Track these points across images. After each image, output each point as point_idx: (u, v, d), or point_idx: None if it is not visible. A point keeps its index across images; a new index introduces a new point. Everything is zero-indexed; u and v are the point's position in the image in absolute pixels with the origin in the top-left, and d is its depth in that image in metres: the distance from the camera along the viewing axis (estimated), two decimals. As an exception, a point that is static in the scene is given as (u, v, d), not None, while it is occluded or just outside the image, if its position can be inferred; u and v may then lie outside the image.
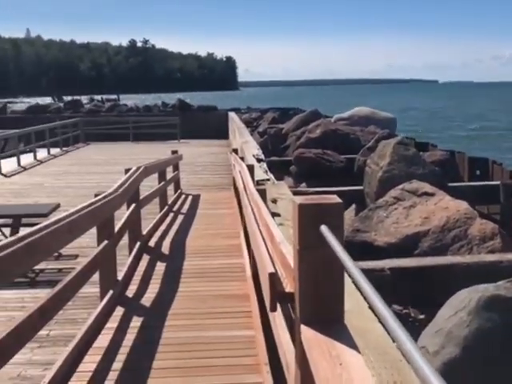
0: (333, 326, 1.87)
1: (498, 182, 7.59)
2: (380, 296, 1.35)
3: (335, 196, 2.04)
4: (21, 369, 4.15)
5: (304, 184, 11.30)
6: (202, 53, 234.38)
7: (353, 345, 1.78)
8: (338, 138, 14.80)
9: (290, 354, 2.22)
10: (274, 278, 2.28)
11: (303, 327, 1.91)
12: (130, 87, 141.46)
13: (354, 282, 1.49)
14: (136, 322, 4.77)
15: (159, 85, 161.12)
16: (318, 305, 1.91)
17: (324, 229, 1.84)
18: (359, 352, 1.75)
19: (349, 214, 7.71)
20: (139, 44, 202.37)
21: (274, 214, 6.10)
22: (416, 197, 5.72)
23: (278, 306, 2.75)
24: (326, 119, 20.58)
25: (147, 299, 5.40)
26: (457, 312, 2.67)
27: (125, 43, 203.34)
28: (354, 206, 7.91)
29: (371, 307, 1.32)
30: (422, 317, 3.87)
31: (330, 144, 14.13)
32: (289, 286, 2.18)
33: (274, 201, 7.37)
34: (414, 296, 3.98)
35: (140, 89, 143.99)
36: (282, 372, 2.53)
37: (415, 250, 4.87)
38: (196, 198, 11.39)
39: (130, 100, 54.58)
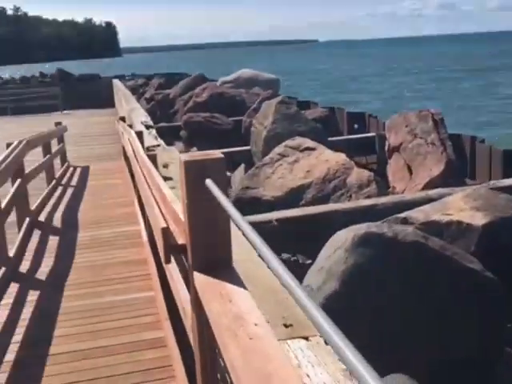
0: (222, 270, 2.05)
1: (374, 134, 8.14)
2: (262, 240, 1.51)
3: (218, 152, 2.20)
4: None
5: (195, 148, 11.39)
6: (79, 19, 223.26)
7: (240, 284, 1.98)
8: (225, 100, 14.98)
9: (187, 301, 2.39)
10: (166, 231, 2.42)
11: (196, 274, 2.07)
12: (3, 58, 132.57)
13: (241, 230, 1.65)
14: (32, 296, 4.73)
15: (35, 54, 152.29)
16: (208, 253, 2.08)
17: (209, 182, 2.00)
18: (246, 289, 1.95)
19: (239, 173, 7.95)
20: (9, 12, 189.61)
21: (166, 179, 6.18)
22: (299, 152, 6.03)
23: (174, 261, 2.91)
24: (211, 83, 20.64)
25: (42, 273, 5.35)
26: (335, 250, 2.95)
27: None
28: (242, 165, 8.15)
29: (256, 251, 1.47)
30: (309, 262, 4.18)
31: (217, 107, 14.29)
32: (181, 238, 2.33)
33: (166, 165, 7.43)
34: (300, 243, 4.28)
35: (15, 59, 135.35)
36: (183, 324, 2.69)
37: (300, 202, 5.18)
38: (85, 170, 11.15)
39: (4, 72, 51.28)
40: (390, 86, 42.88)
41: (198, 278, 2.04)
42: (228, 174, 9.17)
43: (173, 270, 2.93)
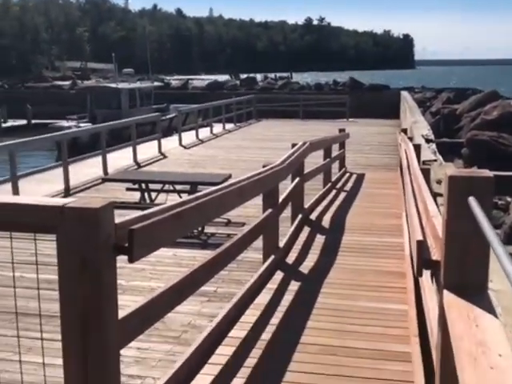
0: (474, 293, 1.95)
1: None
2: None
3: (488, 171, 2.09)
4: (191, 318, 4.71)
5: (475, 167, 10.84)
6: (378, 30, 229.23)
7: (492, 312, 1.86)
8: (517, 121, 13.91)
9: (435, 319, 2.33)
10: (421, 245, 2.39)
11: (445, 292, 2.01)
12: (304, 65, 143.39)
13: (497, 257, 1.54)
14: (294, 286, 5.09)
15: (333, 63, 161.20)
16: (461, 273, 2.00)
17: (472, 200, 1.92)
18: (498, 319, 1.82)
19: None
20: (315, 22, 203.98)
21: (437, 195, 6.04)
22: None
23: (429, 276, 2.85)
24: (505, 101, 19.32)
25: (305, 267, 5.70)
26: None
27: (301, 22, 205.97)
28: (526, 192, 7.48)
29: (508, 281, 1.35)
30: None
31: (507, 127, 13.37)
32: (436, 254, 2.29)
33: (439, 181, 7.25)
34: None
35: (313, 66, 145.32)
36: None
37: None
38: (360, 177, 11.46)
39: (302, 78, 55.51)
40: None
41: (448, 296, 1.98)
42: (508, 199, 8.54)
43: (427, 285, 2.87)
